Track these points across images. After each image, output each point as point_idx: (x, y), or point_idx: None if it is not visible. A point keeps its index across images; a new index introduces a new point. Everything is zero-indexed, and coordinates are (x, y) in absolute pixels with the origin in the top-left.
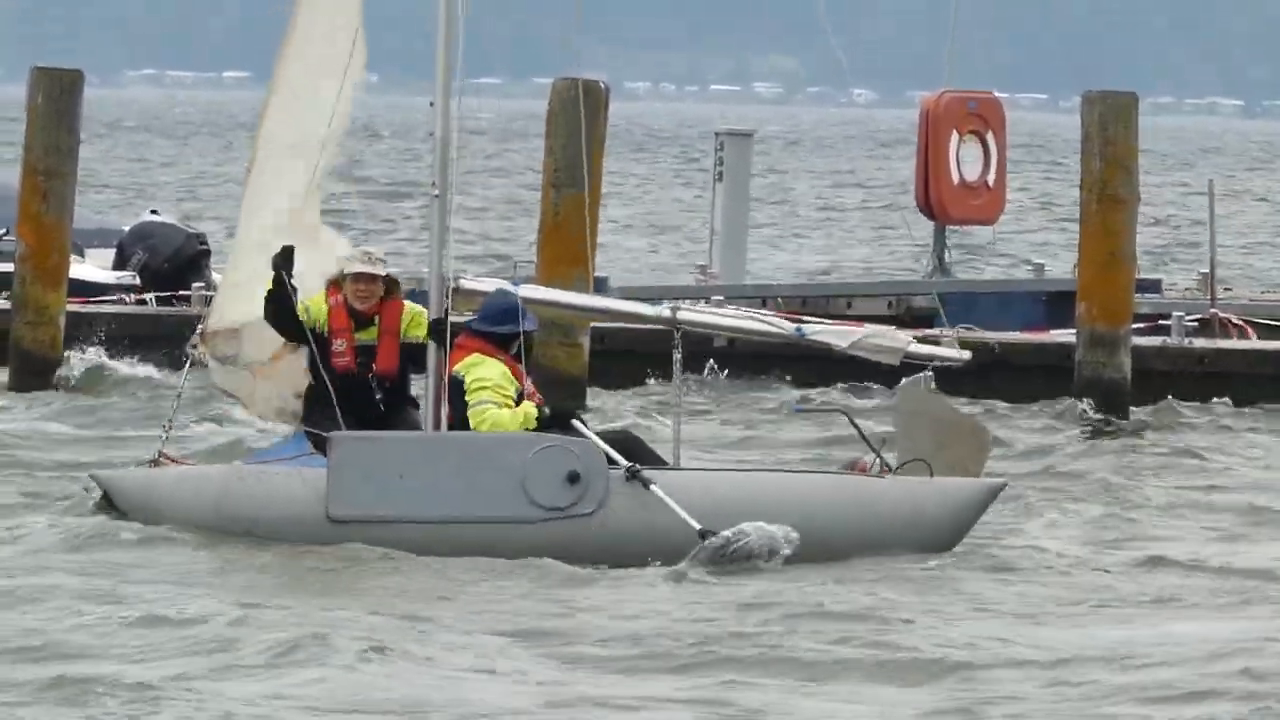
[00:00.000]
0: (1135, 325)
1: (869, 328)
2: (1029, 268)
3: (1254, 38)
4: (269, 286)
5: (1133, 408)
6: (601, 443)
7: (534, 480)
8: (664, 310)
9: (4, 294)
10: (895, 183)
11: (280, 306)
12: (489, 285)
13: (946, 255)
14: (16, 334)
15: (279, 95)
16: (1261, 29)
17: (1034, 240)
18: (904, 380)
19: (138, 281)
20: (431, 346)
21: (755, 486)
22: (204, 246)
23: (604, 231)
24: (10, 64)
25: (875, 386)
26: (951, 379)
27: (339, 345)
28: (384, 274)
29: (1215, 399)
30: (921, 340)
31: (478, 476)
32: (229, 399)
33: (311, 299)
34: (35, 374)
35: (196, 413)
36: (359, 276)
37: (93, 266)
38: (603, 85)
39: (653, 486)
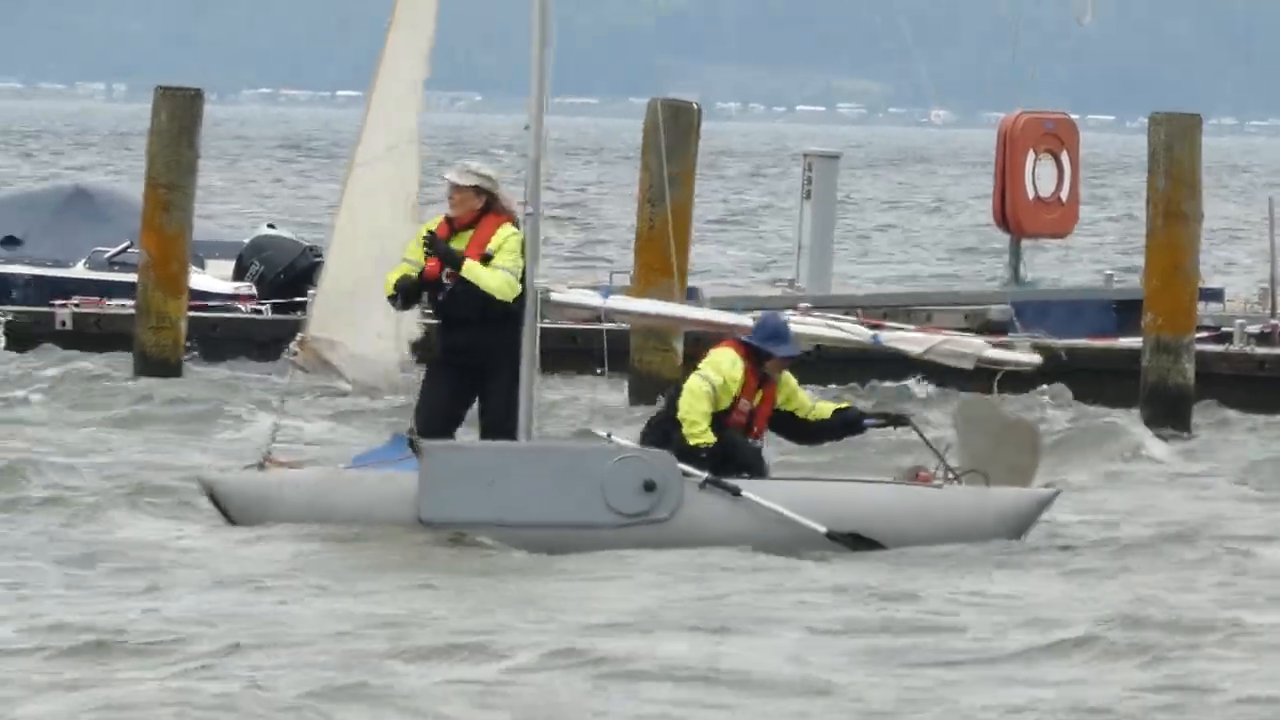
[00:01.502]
0: (1199, 335)
1: (942, 336)
2: (1101, 276)
3: None
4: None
5: (1195, 409)
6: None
7: (613, 488)
8: (746, 320)
9: (130, 301)
10: (971, 199)
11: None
12: (578, 297)
13: (1021, 267)
14: (140, 338)
15: (375, 110)
16: None
17: (1109, 250)
18: (964, 396)
19: (254, 291)
20: (528, 331)
21: (824, 495)
22: (318, 259)
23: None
24: (133, 84)
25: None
26: (1021, 381)
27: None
28: (475, 185)
29: (1275, 406)
30: (995, 345)
31: (561, 484)
32: (334, 383)
33: None
34: (157, 375)
35: (305, 415)
36: (451, 186)
37: (213, 277)
38: (695, 105)
39: (744, 493)
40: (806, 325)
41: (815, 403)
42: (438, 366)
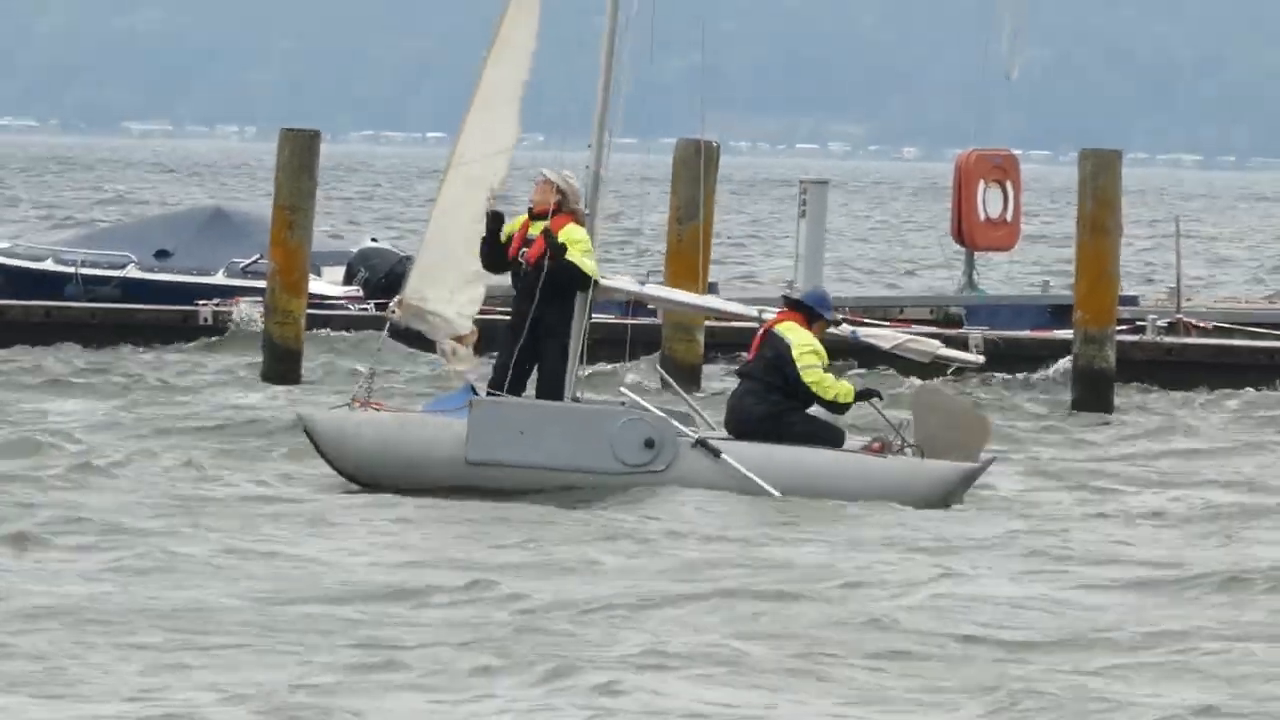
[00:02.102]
0: (1118, 328)
1: (907, 334)
2: (1038, 284)
3: (1209, 105)
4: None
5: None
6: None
7: (620, 443)
8: (752, 311)
9: (261, 302)
10: (933, 219)
11: (491, 250)
12: (623, 283)
13: (974, 274)
14: (268, 331)
15: (474, 124)
16: (1219, 95)
17: (1044, 262)
18: (921, 382)
19: (361, 294)
20: (577, 313)
21: (787, 459)
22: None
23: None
24: (260, 126)
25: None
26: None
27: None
28: (556, 184)
29: (1180, 385)
30: (948, 344)
31: (579, 437)
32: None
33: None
34: (282, 362)
35: (398, 365)
36: (542, 178)
37: (327, 283)
38: (715, 144)
39: (723, 455)
40: None
41: None
42: (510, 330)
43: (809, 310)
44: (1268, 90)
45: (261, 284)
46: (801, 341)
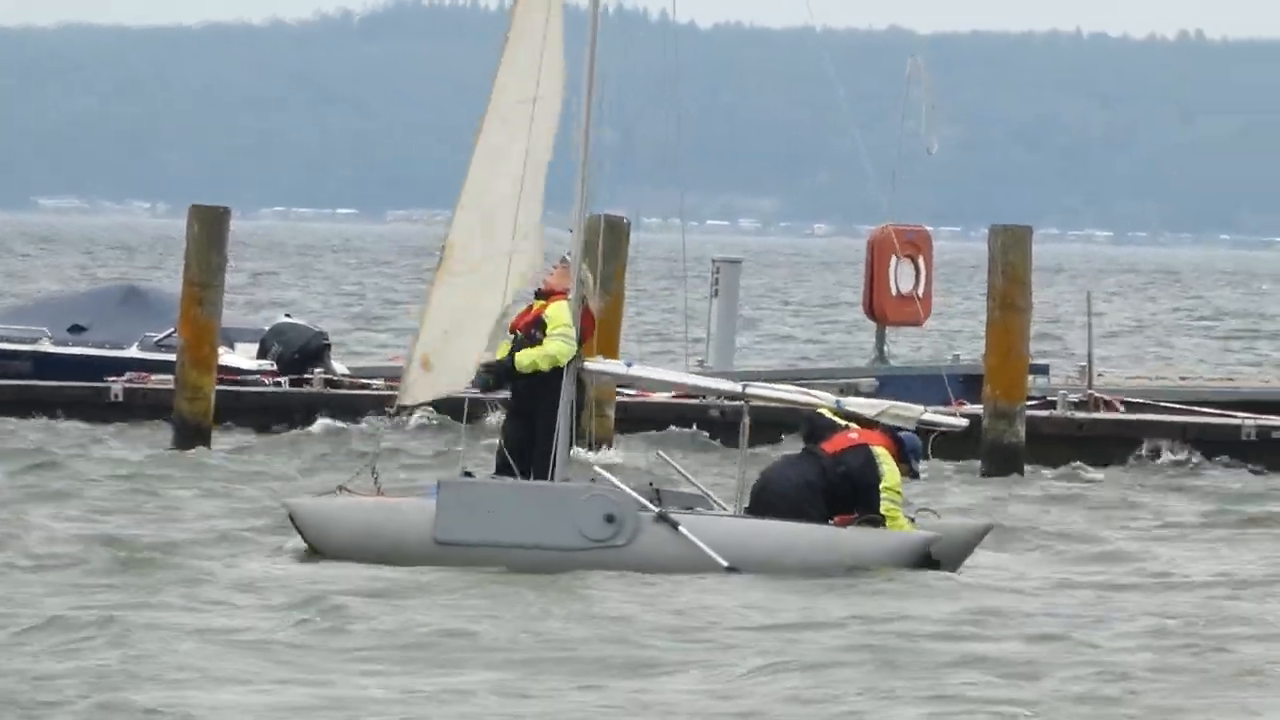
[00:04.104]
0: (1029, 402)
1: (891, 402)
2: (949, 358)
3: (1120, 180)
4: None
5: (1026, 465)
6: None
7: (582, 518)
8: (737, 386)
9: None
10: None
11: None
12: (611, 365)
13: (886, 348)
14: (178, 408)
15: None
16: (1129, 173)
17: (954, 334)
18: None
19: (275, 368)
20: (565, 392)
21: (745, 531)
22: (326, 342)
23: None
24: (172, 203)
25: None
26: None
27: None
28: (555, 271)
29: (1089, 459)
30: (932, 412)
31: (543, 514)
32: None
33: None
34: (191, 439)
35: (410, 451)
36: (563, 264)
37: (241, 356)
38: (625, 220)
39: (680, 528)
40: (782, 391)
41: None
42: (510, 411)
43: (904, 453)
44: (1179, 166)
45: (173, 358)
46: (893, 478)
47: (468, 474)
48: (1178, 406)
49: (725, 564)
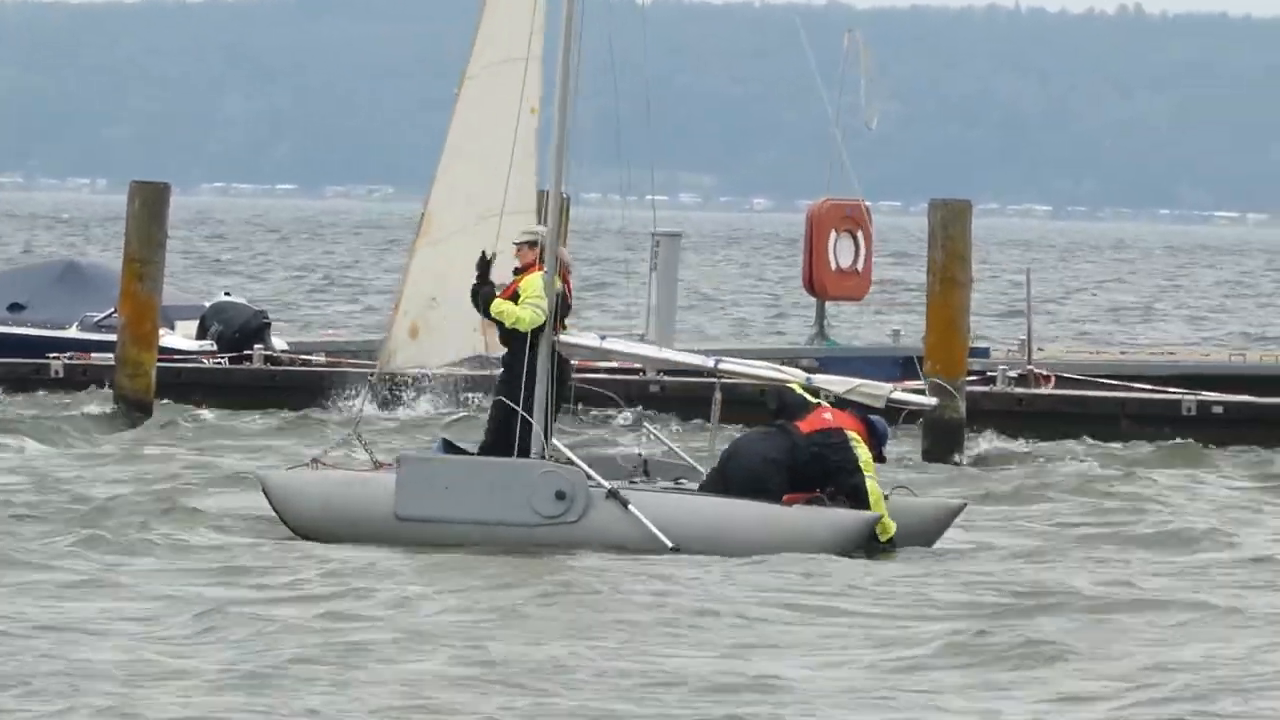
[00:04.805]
0: (969, 378)
1: (860, 380)
2: (889, 334)
3: (1059, 156)
4: (473, 284)
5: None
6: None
7: (535, 495)
8: (709, 362)
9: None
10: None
11: (482, 299)
12: (584, 338)
13: (826, 325)
14: (119, 384)
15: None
16: (1067, 149)
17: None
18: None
19: (215, 347)
20: (541, 364)
21: (689, 508)
22: (266, 320)
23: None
24: (113, 179)
25: None
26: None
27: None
28: (529, 241)
29: (1029, 434)
30: (901, 389)
31: (499, 491)
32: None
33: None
34: (133, 413)
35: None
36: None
37: (181, 336)
38: (565, 195)
39: (630, 506)
40: (752, 367)
41: None
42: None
43: (874, 436)
44: (1117, 141)
45: (114, 337)
46: (868, 459)
47: (448, 443)
48: (1116, 383)
49: (670, 544)
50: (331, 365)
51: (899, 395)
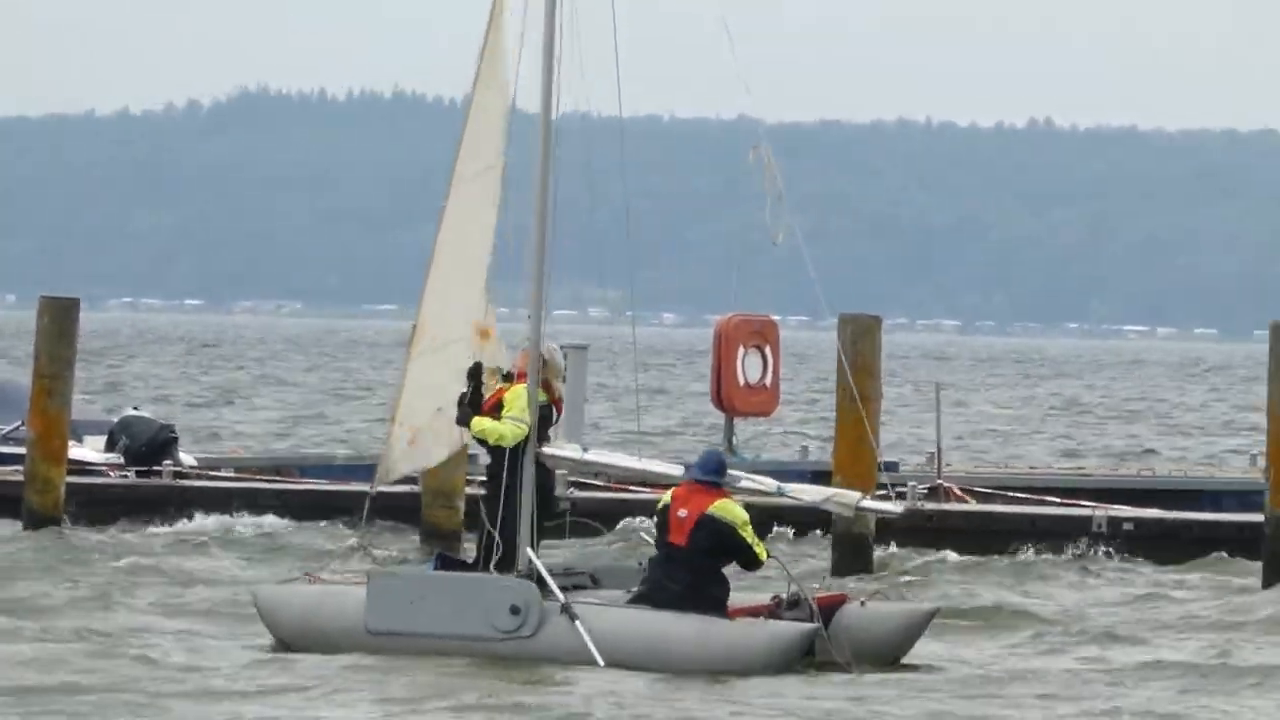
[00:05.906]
0: (878, 492)
1: (831, 490)
2: (797, 450)
3: (969, 271)
4: (461, 395)
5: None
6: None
7: (491, 610)
8: (682, 470)
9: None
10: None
11: (462, 419)
12: (567, 450)
13: (734, 440)
14: (28, 499)
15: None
16: (978, 263)
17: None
18: None
19: (122, 461)
20: (526, 476)
21: (631, 622)
22: (173, 435)
23: None
24: (20, 294)
25: None
26: None
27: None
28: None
29: (939, 548)
30: (870, 498)
31: (460, 605)
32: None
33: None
34: (41, 529)
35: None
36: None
37: (89, 449)
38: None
39: (576, 622)
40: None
41: None
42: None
43: (718, 485)
44: (1026, 256)
45: (22, 450)
46: (742, 520)
47: (443, 556)
48: (1027, 497)
49: (601, 662)
50: (239, 479)
51: (866, 504)
